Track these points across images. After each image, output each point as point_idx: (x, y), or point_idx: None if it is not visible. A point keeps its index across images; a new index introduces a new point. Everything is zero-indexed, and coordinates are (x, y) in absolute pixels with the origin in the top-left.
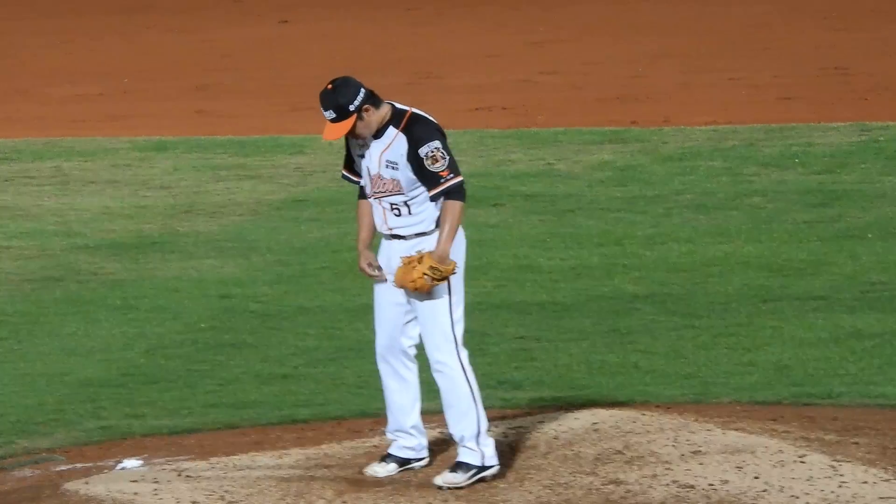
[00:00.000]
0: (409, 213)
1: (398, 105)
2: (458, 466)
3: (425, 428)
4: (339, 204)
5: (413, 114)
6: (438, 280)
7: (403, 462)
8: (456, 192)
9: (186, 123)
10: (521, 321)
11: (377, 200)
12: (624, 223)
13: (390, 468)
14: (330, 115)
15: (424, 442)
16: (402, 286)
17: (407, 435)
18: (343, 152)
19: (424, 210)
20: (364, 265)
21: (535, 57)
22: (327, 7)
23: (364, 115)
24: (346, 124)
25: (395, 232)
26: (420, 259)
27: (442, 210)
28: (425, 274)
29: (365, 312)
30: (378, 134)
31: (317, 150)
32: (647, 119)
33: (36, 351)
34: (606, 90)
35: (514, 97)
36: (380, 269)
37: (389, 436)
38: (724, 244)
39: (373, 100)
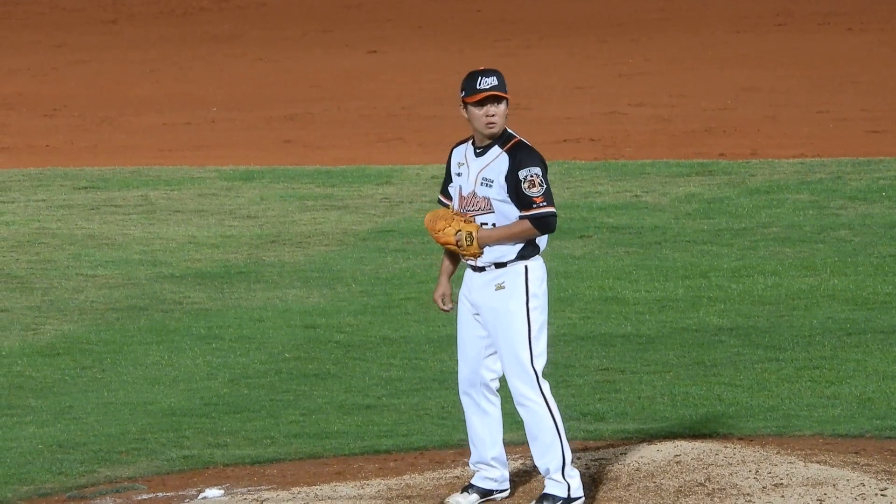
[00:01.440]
0: None
1: (509, 130)
2: (545, 498)
3: (508, 459)
4: (424, 235)
5: (520, 140)
6: (454, 245)
7: (485, 493)
8: (543, 223)
9: (274, 153)
10: (606, 353)
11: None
12: (710, 256)
13: (472, 499)
14: (492, 80)
15: (506, 474)
16: (427, 225)
17: (489, 467)
18: (442, 178)
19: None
20: (438, 297)
21: (623, 89)
22: (416, 38)
23: (508, 103)
24: (503, 96)
25: (481, 256)
26: (464, 220)
27: (519, 223)
28: (459, 230)
29: (449, 343)
30: (482, 152)
31: (403, 181)
32: (734, 151)
33: (119, 380)
34: (694, 122)
35: (601, 129)
36: (453, 303)
37: (472, 467)
38: (809, 277)
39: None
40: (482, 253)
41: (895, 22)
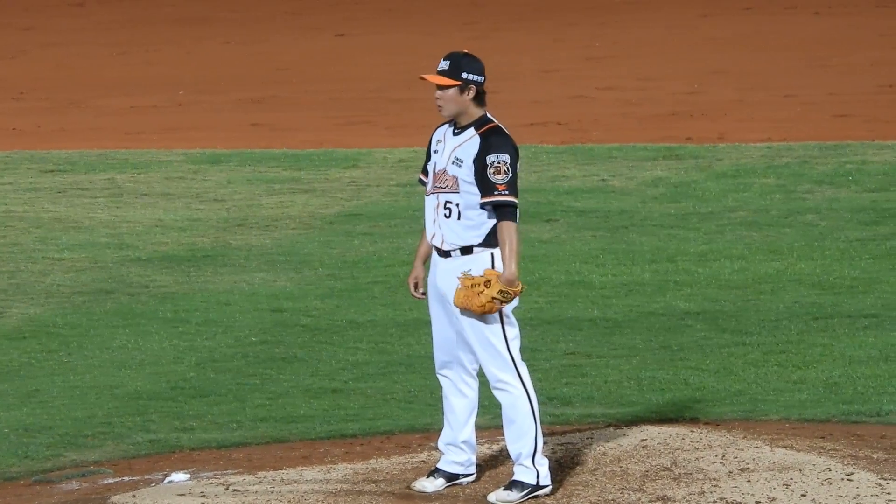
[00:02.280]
0: (458, 219)
1: (490, 116)
2: (513, 485)
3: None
4: (392, 218)
5: (498, 126)
6: (507, 302)
7: (451, 477)
8: (508, 211)
9: (241, 136)
10: (573, 337)
11: (434, 196)
12: (677, 240)
13: (438, 483)
14: (444, 65)
15: (473, 458)
16: (465, 308)
17: (458, 449)
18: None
19: (471, 220)
20: (411, 281)
21: (590, 73)
22: (384, 21)
23: (465, 92)
24: (447, 83)
25: (443, 235)
26: (487, 283)
27: (498, 231)
28: (494, 298)
29: (416, 327)
30: (459, 131)
31: (371, 165)
32: (701, 136)
33: (86, 363)
34: (661, 106)
35: (569, 112)
36: (424, 293)
37: (440, 447)
38: (776, 261)
39: (480, 95)
40: (523, 287)
41: (862, 6)
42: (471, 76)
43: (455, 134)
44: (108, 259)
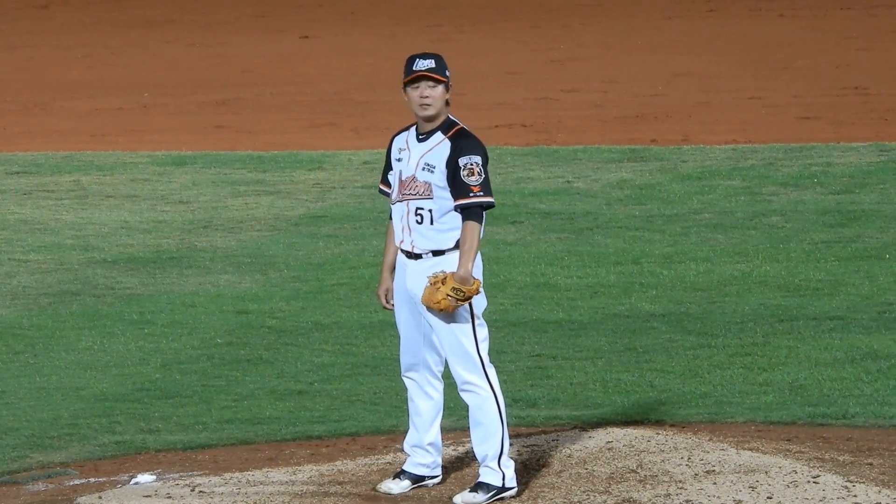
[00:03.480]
0: (430, 224)
1: (453, 117)
2: (479, 487)
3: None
4: (357, 220)
5: (463, 128)
6: (462, 301)
7: (417, 479)
8: (477, 213)
9: (206, 138)
10: (538, 339)
11: (403, 203)
12: (641, 242)
13: (404, 485)
14: (429, 63)
15: (439, 460)
16: (428, 307)
17: (424, 451)
18: (381, 167)
19: (444, 224)
20: (381, 293)
21: (555, 74)
22: (348, 23)
23: (447, 92)
24: (440, 79)
25: (414, 241)
26: (443, 281)
27: (462, 230)
28: (448, 295)
29: (381, 329)
30: (424, 138)
31: (336, 167)
32: (666, 138)
33: (52, 365)
34: (626, 108)
35: (533, 115)
36: (393, 305)
37: (406, 449)
38: (741, 263)
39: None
40: (479, 285)
41: (827, 8)
42: (448, 76)
43: (420, 140)
44: (73, 261)
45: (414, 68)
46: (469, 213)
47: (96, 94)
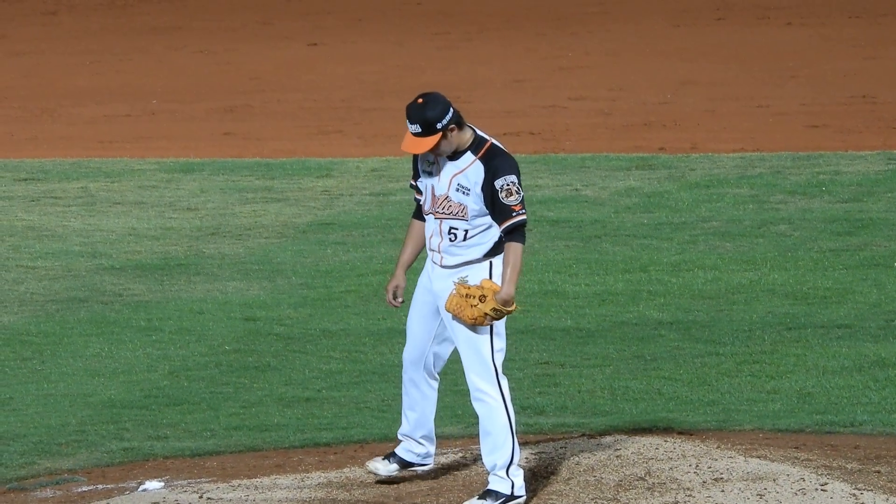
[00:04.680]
0: (464, 240)
1: (479, 132)
2: (488, 494)
3: (449, 452)
4: (364, 228)
5: (493, 145)
6: (497, 319)
7: (406, 465)
8: (519, 232)
9: (214, 145)
10: (546, 346)
11: (437, 221)
12: (650, 250)
13: (391, 468)
14: (416, 129)
15: (432, 451)
16: (456, 315)
17: (415, 442)
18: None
19: (479, 240)
20: (390, 288)
21: (562, 82)
22: (356, 30)
23: (449, 134)
24: (431, 140)
25: (443, 257)
26: (482, 298)
27: (505, 251)
28: (487, 314)
29: (389, 336)
30: (454, 157)
31: (343, 174)
32: (674, 146)
33: (59, 371)
34: (634, 116)
35: (541, 122)
36: (403, 302)
37: (398, 436)
38: (749, 272)
39: (458, 120)
40: (517, 307)
41: (834, 16)
42: (444, 120)
43: (451, 158)
44: (81, 267)
45: (409, 128)
46: (512, 235)
47: (104, 100)
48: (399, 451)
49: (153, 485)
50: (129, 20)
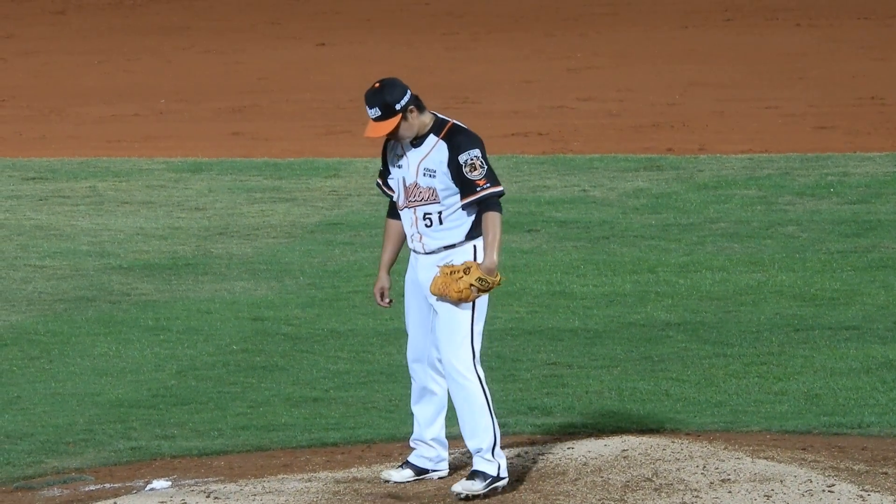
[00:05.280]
0: (441, 224)
1: (439, 115)
2: (476, 475)
3: (455, 452)
4: (372, 228)
5: (454, 124)
6: (484, 291)
7: (420, 471)
8: (494, 202)
9: (222, 145)
10: (553, 347)
11: (411, 210)
12: (657, 251)
13: (405, 474)
14: (375, 112)
15: (445, 455)
16: (442, 294)
17: (426, 446)
18: (380, 165)
19: (456, 221)
20: (377, 291)
21: (571, 83)
22: (364, 31)
23: (409, 115)
24: (391, 123)
25: (424, 243)
26: (466, 270)
27: (483, 221)
28: (472, 285)
29: (397, 336)
30: (418, 142)
31: (352, 174)
32: (682, 147)
33: (67, 371)
34: (642, 117)
35: (549, 123)
36: (391, 301)
37: (411, 443)
38: (757, 273)
39: (417, 103)
40: (502, 278)
41: (843, 18)
42: (402, 101)
43: (415, 145)
44: (89, 267)
45: (369, 114)
46: (486, 204)
47: (112, 100)
48: (412, 458)
49: (160, 484)
50: (137, 20)
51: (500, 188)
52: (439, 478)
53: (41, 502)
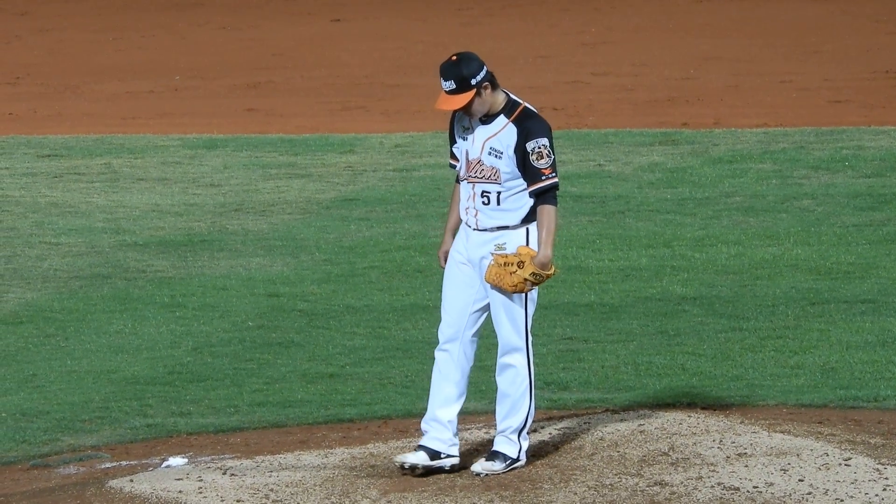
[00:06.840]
0: (498, 204)
1: (513, 96)
2: (496, 455)
3: (472, 428)
4: (388, 203)
5: (526, 108)
6: (537, 284)
7: (434, 455)
8: (551, 195)
9: (237, 121)
10: (569, 322)
11: (470, 185)
12: (673, 225)
13: (420, 456)
14: (450, 85)
15: (456, 440)
16: (496, 285)
17: (441, 426)
18: (447, 143)
19: (513, 204)
20: (442, 254)
21: (586, 58)
22: (379, 6)
23: (483, 91)
24: (465, 97)
25: (479, 220)
26: (520, 264)
27: (538, 214)
28: (526, 279)
29: (413, 312)
30: (487, 120)
31: (367, 150)
32: (697, 121)
33: (83, 348)
34: (657, 92)
35: (564, 98)
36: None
37: (423, 427)
38: (772, 247)
39: (492, 80)
40: (556, 270)
41: None
42: (478, 77)
43: (484, 122)
44: (104, 244)
45: (443, 86)
46: (544, 197)
47: (127, 77)
48: (424, 441)
49: (177, 461)
50: None
51: (557, 180)
52: (451, 465)
53: (57, 480)
